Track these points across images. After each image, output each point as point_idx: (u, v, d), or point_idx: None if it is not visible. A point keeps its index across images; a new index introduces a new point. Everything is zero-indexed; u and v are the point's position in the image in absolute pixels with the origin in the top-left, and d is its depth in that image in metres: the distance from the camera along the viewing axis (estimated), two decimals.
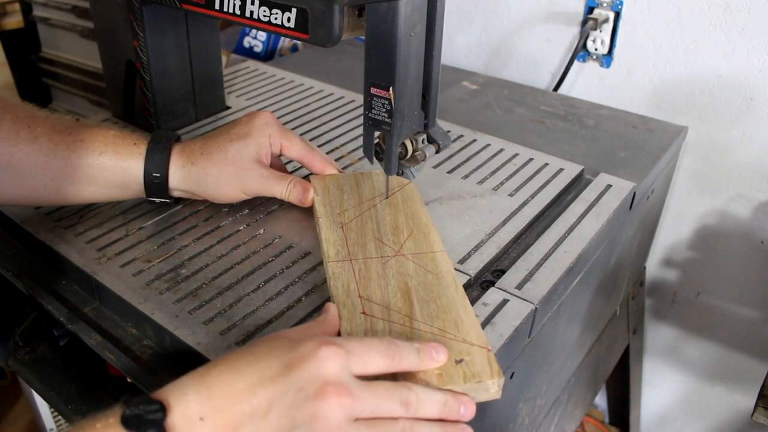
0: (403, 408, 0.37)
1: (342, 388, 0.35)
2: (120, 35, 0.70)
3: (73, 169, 0.54)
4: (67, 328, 0.51)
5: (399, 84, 0.49)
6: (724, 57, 0.83)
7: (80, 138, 0.54)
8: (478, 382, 0.40)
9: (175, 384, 0.35)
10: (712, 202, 0.92)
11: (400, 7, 0.46)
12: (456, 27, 1.06)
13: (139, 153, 0.56)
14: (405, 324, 0.45)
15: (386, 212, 0.57)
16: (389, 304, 0.46)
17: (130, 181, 0.56)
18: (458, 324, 0.44)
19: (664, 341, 1.08)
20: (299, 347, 0.37)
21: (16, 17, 1.25)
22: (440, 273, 0.49)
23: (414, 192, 0.60)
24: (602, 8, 0.90)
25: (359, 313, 0.46)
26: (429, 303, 0.46)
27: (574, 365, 0.75)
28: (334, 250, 0.52)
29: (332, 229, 0.55)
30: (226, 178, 0.57)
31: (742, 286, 0.95)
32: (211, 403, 0.34)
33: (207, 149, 0.57)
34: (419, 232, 0.54)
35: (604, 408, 1.22)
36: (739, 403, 1.04)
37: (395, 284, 0.48)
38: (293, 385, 0.35)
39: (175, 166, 0.57)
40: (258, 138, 0.58)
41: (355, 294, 0.47)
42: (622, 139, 0.78)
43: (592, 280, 0.66)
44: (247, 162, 0.57)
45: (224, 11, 0.55)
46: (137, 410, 0.33)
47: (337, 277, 0.49)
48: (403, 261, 0.51)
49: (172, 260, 0.54)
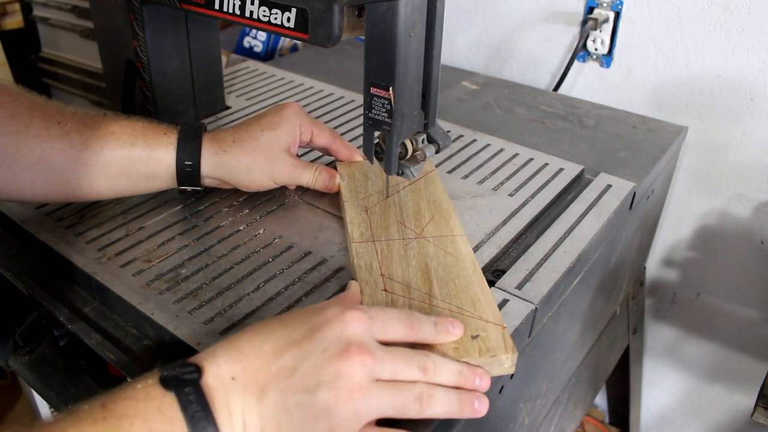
0: (421, 373, 0.39)
1: (364, 349, 0.37)
2: (120, 35, 0.70)
3: (105, 163, 0.55)
4: (67, 328, 0.51)
5: (399, 84, 0.49)
6: (724, 57, 0.83)
7: (110, 131, 0.55)
8: (493, 357, 0.42)
9: (206, 351, 0.38)
10: (712, 202, 0.92)
11: (400, 7, 0.45)
12: (456, 27, 1.06)
13: (170, 142, 0.56)
14: (424, 301, 0.47)
15: (409, 197, 0.60)
16: (409, 282, 0.49)
17: (162, 171, 0.57)
18: (475, 303, 0.46)
19: (664, 341, 1.08)
20: (324, 312, 0.39)
21: (16, 17, 1.25)
22: (459, 255, 0.52)
23: (436, 178, 0.63)
24: (602, 8, 0.90)
25: (381, 290, 0.48)
26: (448, 282, 0.49)
27: (574, 365, 0.75)
28: (358, 231, 0.55)
29: (357, 212, 0.58)
30: (258, 166, 0.58)
31: (742, 286, 0.95)
32: (241, 364, 0.37)
33: (239, 137, 0.58)
34: (440, 217, 0.57)
35: (604, 408, 1.22)
36: (739, 403, 1.04)
37: (416, 264, 0.51)
38: (318, 346, 0.37)
39: (207, 154, 0.57)
40: (288, 127, 0.59)
41: (377, 272, 0.50)
42: (622, 139, 0.78)
43: (592, 280, 0.66)
44: (277, 151, 0.59)
45: (224, 11, 0.55)
46: (174, 372, 0.36)
47: (361, 256, 0.52)
48: (424, 243, 0.53)
49: (172, 260, 0.54)
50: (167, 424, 0.34)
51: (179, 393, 0.35)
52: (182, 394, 0.35)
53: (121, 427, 0.33)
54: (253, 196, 0.63)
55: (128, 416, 0.33)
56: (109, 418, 0.33)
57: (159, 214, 0.60)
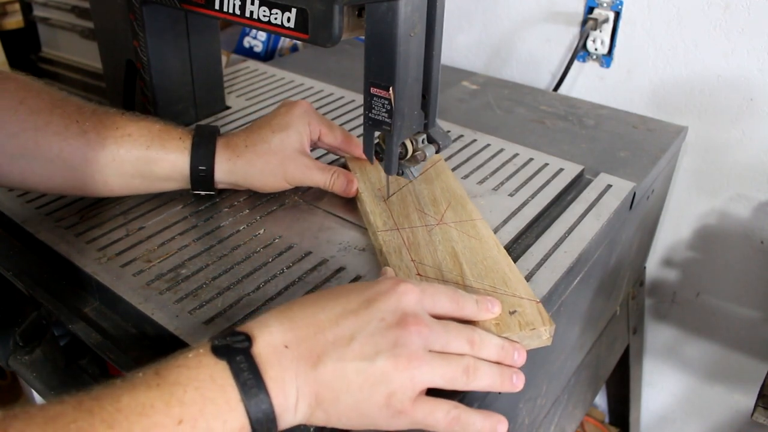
0: (469, 346, 0.40)
1: (420, 320, 0.39)
2: (120, 35, 0.70)
3: (121, 163, 0.56)
4: (67, 328, 0.51)
5: (399, 84, 0.49)
6: (724, 57, 0.83)
7: (128, 132, 0.56)
8: (532, 329, 0.44)
9: (257, 319, 0.38)
10: (712, 202, 0.92)
11: (400, 7, 0.46)
12: (456, 27, 1.06)
13: (184, 147, 0.57)
14: (459, 283, 0.48)
15: (423, 187, 0.61)
16: (440, 266, 0.50)
17: (176, 174, 0.58)
18: (506, 281, 0.48)
19: (664, 341, 1.08)
20: (377, 285, 0.40)
21: (16, 17, 1.25)
22: (482, 238, 0.53)
23: (445, 167, 0.64)
24: (602, 8, 0.90)
25: (415, 275, 0.50)
26: (476, 264, 0.50)
27: (574, 365, 0.75)
28: (381, 220, 0.56)
29: (376, 202, 0.59)
30: (271, 169, 0.59)
31: (742, 286, 0.95)
32: (294, 333, 0.37)
33: (251, 141, 0.59)
34: (457, 203, 0.58)
35: (604, 408, 1.22)
36: (739, 403, 1.04)
37: (443, 249, 0.52)
38: (375, 316, 0.38)
39: (221, 159, 0.58)
40: (298, 127, 0.60)
41: (408, 258, 0.51)
42: (622, 139, 0.78)
43: (592, 280, 0.66)
44: (290, 152, 0.59)
45: (224, 11, 0.55)
46: (225, 341, 0.36)
47: (388, 244, 0.53)
48: (446, 228, 0.55)
49: (172, 260, 0.54)
50: (219, 391, 0.34)
51: (231, 361, 0.35)
52: (234, 362, 0.35)
53: (174, 393, 0.33)
54: (254, 197, 0.63)
55: (181, 383, 0.34)
56: (163, 384, 0.34)
57: (159, 214, 0.60)
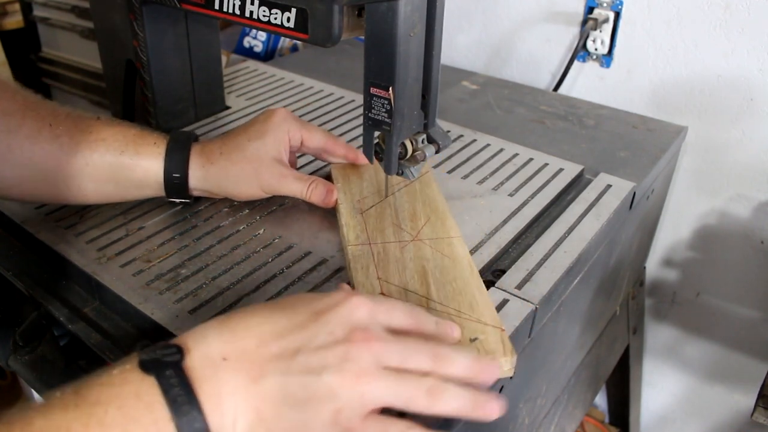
0: (433, 361, 0.37)
1: (371, 334, 0.36)
2: (120, 35, 0.70)
3: (94, 168, 0.55)
4: (67, 328, 0.51)
5: (399, 84, 0.49)
6: (724, 57, 0.83)
7: (101, 137, 0.55)
8: (492, 359, 0.42)
9: (193, 330, 0.36)
10: (712, 202, 0.92)
11: (400, 7, 0.45)
12: (456, 27, 1.06)
13: (158, 153, 0.56)
14: (422, 304, 0.46)
15: (404, 199, 0.59)
16: (407, 285, 0.49)
17: (150, 180, 0.57)
18: (473, 305, 0.46)
19: (664, 341, 1.08)
20: (327, 298, 0.38)
21: (16, 17, 1.25)
22: (456, 257, 0.51)
23: (431, 180, 0.62)
24: (602, 8, 0.90)
25: (378, 293, 0.48)
26: (445, 285, 0.48)
27: (574, 365, 0.75)
28: (353, 234, 0.54)
29: (352, 214, 0.57)
30: (245, 177, 0.57)
31: (742, 286, 0.95)
32: (235, 344, 0.35)
33: (226, 148, 0.58)
34: (436, 219, 0.56)
35: (604, 408, 1.22)
36: (739, 403, 1.04)
37: (413, 267, 0.51)
38: (323, 329, 0.36)
39: (194, 166, 0.57)
40: (276, 135, 0.58)
41: (374, 276, 0.50)
42: (622, 139, 0.78)
43: (592, 280, 0.66)
44: (266, 160, 0.57)
45: (224, 11, 0.55)
46: (154, 354, 0.33)
47: (357, 259, 0.51)
48: (421, 246, 0.53)
49: (172, 260, 0.54)
50: (146, 410, 0.32)
51: (159, 376, 0.32)
52: (163, 377, 0.32)
53: (94, 414, 0.31)
54: None
55: (102, 403, 0.31)
56: (82, 405, 0.31)
57: (159, 214, 0.60)
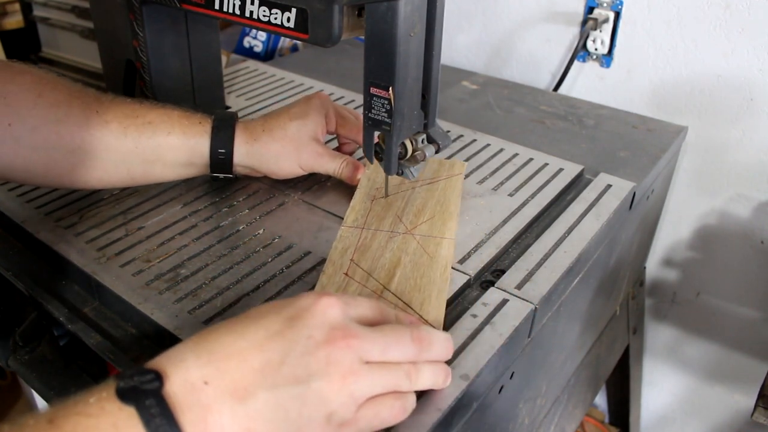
0: (416, 345, 0.38)
1: (349, 331, 0.36)
2: (120, 35, 0.70)
3: (143, 150, 0.57)
4: (67, 328, 0.51)
5: (399, 84, 0.49)
6: (724, 57, 0.83)
7: (148, 120, 0.57)
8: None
9: (169, 352, 0.34)
10: (712, 202, 0.92)
11: (400, 7, 0.45)
12: (456, 27, 1.06)
13: (204, 131, 0.59)
14: (376, 291, 0.49)
15: (421, 194, 0.61)
16: (373, 272, 0.51)
17: (197, 158, 0.59)
18: (424, 303, 0.48)
19: (664, 341, 1.08)
20: (296, 302, 0.37)
21: (16, 17, 1.25)
22: (436, 257, 0.53)
23: (458, 182, 0.63)
24: (602, 8, 0.90)
25: (341, 273, 0.51)
26: (409, 280, 0.50)
27: (574, 365, 0.75)
28: (353, 217, 0.58)
29: (362, 200, 0.60)
30: (286, 154, 0.60)
31: (742, 286, 0.95)
32: (215, 365, 0.33)
33: (268, 126, 0.61)
34: (440, 218, 0.58)
35: (604, 408, 1.22)
36: (739, 403, 1.04)
37: (389, 257, 0.53)
38: (302, 334, 0.35)
39: (239, 142, 0.60)
40: (315, 117, 0.62)
41: (348, 257, 0.53)
42: (622, 139, 0.78)
43: (592, 280, 0.66)
44: (305, 139, 0.61)
45: (224, 11, 0.55)
46: (132, 382, 0.32)
47: (342, 240, 0.55)
48: (409, 240, 0.55)
49: (172, 260, 0.54)
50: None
51: (139, 406, 0.31)
52: (143, 407, 0.31)
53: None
54: (253, 197, 0.63)
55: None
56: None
57: (159, 214, 0.60)
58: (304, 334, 0.35)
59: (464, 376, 0.43)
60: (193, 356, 0.34)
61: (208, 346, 0.34)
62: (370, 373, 0.36)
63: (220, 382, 0.33)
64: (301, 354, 0.34)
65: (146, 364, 0.34)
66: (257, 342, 0.35)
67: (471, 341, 0.46)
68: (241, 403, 0.33)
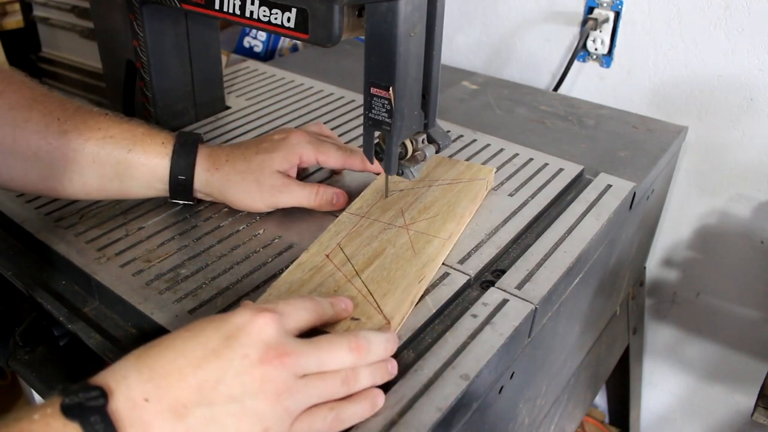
0: (354, 354, 0.39)
1: (284, 349, 0.37)
2: (120, 35, 0.70)
3: (101, 165, 0.54)
4: (67, 328, 0.51)
5: (399, 84, 0.49)
6: (724, 57, 0.83)
7: (110, 134, 0.55)
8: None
9: (113, 367, 0.35)
10: (712, 202, 0.92)
11: (400, 7, 0.45)
12: (456, 27, 1.06)
13: (165, 153, 0.56)
14: (347, 275, 0.50)
15: (434, 193, 0.61)
16: (352, 258, 0.52)
17: (156, 180, 0.57)
18: (386, 295, 0.48)
19: (664, 341, 1.08)
20: (234, 318, 0.38)
21: (16, 17, 1.25)
22: (420, 253, 0.52)
23: (481, 187, 0.61)
24: (602, 8, 0.90)
25: (323, 254, 0.52)
26: (382, 270, 0.50)
27: (574, 365, 0.75)
28: (358, 205, 0.59)
29: (374, 191, 0.61)
30: (246, 187, 0.57)
31: (742, 286, 0.95)
32: (155, 383, 0.34)
33: (232, 157, 0.58)
34: (443, 218, 0.57)
35: (604, 408, 1.22)
36: (739, 403, 1.04)
37: (375, 246, 0.53)
38: (238, 353, 0.36)
39: (200, 170, 0.57)
40: (286, 154, 0.58)
41: (336, 240, 0.54)
42: (622, 139, 0.78)
43: (592, 280, 0.66)
44: (268, 172, 0.58)
45: (224, 11, 0.55)
46: (77, 398, 0.32)
47: (338, 224, 0.56)
48: (402, 233, 0.55)
49: (172, 260, 0.54)
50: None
51: (84, 423, 0.31)
52: (87, 424, 0.31)
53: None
54: None
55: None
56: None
57: (159, 214, 0.60)
58: (240, 352, 0.36)
59: (464, 376, 0.43)
60: (136, 372, 0.34)
61: (150, 362, 0.35)
62: (305, 387, 0.37)
63: (159, 400, 0.33)
64: (236, 373, 0.35)
65: (90, 379, 0.34)
66: (195, 360, 0.35)
67: (471, 341, 0.46)
68: (180, 421, 0.33)
